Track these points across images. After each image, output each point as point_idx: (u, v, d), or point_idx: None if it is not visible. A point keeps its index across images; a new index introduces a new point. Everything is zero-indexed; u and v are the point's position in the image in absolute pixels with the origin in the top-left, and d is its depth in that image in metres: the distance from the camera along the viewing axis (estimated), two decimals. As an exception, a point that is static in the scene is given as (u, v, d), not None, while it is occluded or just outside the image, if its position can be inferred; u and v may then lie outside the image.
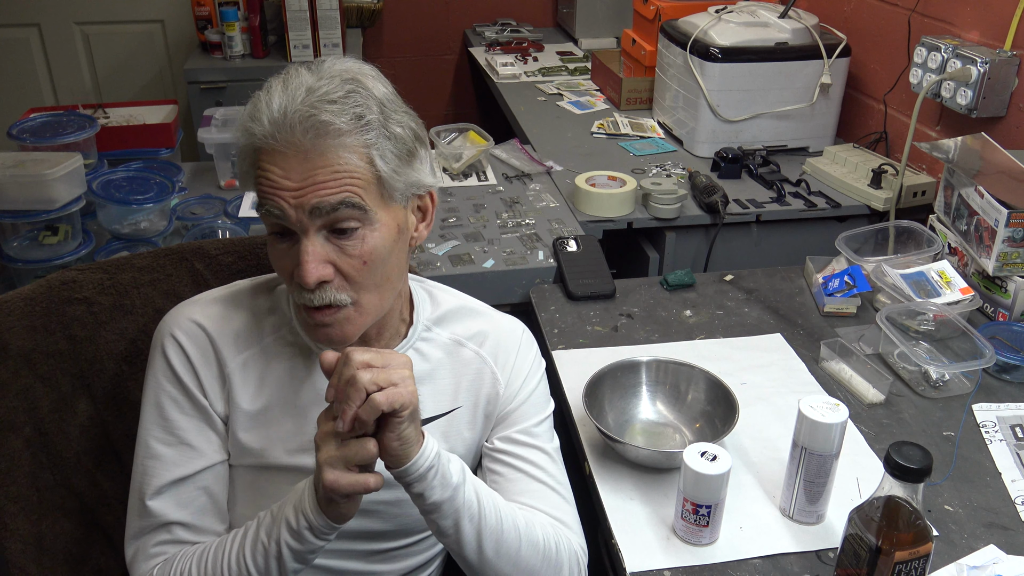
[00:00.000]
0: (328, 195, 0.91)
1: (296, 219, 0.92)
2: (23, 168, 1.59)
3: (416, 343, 1.09)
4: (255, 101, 0.95)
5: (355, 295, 0.96)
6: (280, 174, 0.91)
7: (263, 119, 0.92)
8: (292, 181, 0.91)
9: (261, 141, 0.92)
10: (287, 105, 0.91)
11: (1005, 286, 1.56)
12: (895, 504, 0.92)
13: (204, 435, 1.04)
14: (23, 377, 1.12)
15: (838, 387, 1.43)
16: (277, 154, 0.91)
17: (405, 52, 3.60)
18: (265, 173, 0.92)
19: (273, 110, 0.91)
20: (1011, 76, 1.74)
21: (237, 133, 0.96)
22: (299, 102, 0.91)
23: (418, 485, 0.92)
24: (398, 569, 1.14)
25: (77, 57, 3.38)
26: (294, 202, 0.91)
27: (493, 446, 1.10)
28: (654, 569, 1.08)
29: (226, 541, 0.99)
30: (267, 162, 0.92)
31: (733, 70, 2.14)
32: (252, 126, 0.93)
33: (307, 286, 0.93)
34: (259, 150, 0.93)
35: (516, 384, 1.11)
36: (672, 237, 1.92)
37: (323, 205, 0.91)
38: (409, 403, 0.86)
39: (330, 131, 0.91)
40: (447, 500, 0.93)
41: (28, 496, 1.12)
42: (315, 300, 0.94)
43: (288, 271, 0.96)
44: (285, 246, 0.95)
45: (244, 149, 0.95)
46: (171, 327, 1.04)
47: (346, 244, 0.94)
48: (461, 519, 0.95)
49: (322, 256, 0.93)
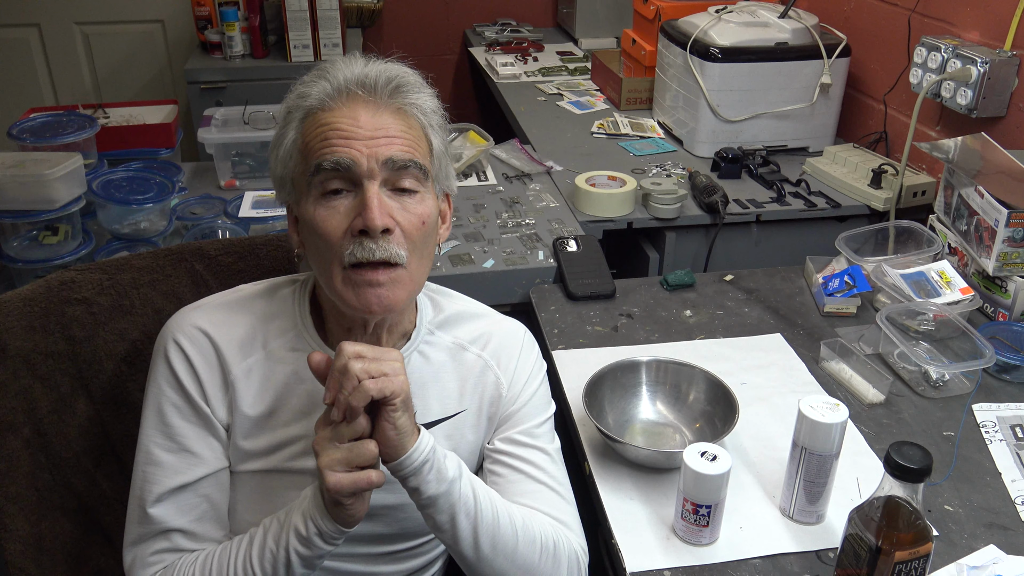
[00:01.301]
0: (400, 150, 0.95)
1: (367, 168, 0.93)
2: (23, 168, 1.59)
3: (420, 346, 1.09)
4: (320, 69, 0.99)
5: (409, 255, 0.97)
6: (350, 123, 0.94)
7: (338, 75, 0.96)
8: (365, 129, 0.94)
9: (329, 98, 0.96)
10: (366, 63, 0.98)
11: (1005, 286, 1.56)
12: (895, 504, 0.92)
13: (206, 442, 1.03)
14: (22, 377, 1.12)
15: (838, 387, 1.43)
16: (347, 105, 0.95)
17: (405, 52, 3.53)
18: (331, 126, 0.95)
19: (351, 67, 0.97)
20: (1011, 76, 1.74)
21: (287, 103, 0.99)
22: (378, 65, 0.98)
23: (414, 479, 0.92)
24: (401, 571, 1.14)
25: (77, 57, 3.38)
26: (367, 151, 0.93)
27: (494, 447, 1.11)
28: (654, 569, 1.08)
29: (230, 548, 0.99)
30: (332, 117, 0.95)
31: (733, 70, 2.14)
32: (315, 87, 0.97)
33: (374, 230, 0.93)
34: (320, 113, 0.96)
35: (518, 386, 1.11)
36: (672, 237, 1.92)
37: (397, 157, 0.94)
38: (400, 391, 0.88)
39: (408, 86, 0.98)
40: (443, 494, 0.94)
41: (27, 496, 1.12)
42: (378, 252, 0.94)
43: (341, 228, 0.95)
44: (339, 202, 0.95)
45: (295, 114, 0.98)
46: (174, 332, 1.04)
47: (408, 202, 0.97)
48: (457, 514, 0.95)
49: (387, 208, 0.95)
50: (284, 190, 1.02)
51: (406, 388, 0.89)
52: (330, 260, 0.96)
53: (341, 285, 0.97)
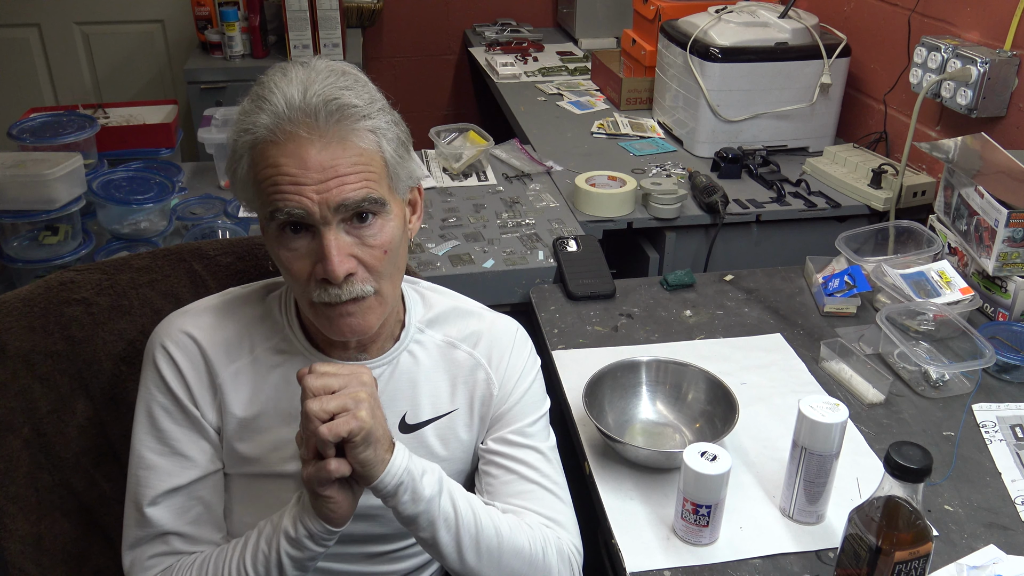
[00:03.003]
0: (351, 190, 0.90)
1: (320, 215, 0.90)
2: (23, 168, 1.59)
3: (409, 345, 1.08)
4: (257, 97, 0.92)
5: (377, 284, 0.96)
6: (298, 167, 0.89)
7: (277, 105, 0.89)
8: (313, 172, 0.89)
9: (272, 131, 0.90)
10: (305, 88, 0.89)
11: (1005, 286, 1.55)
12: (895, 504, 0.92)
13: (197, 445, 1.04)
14: (21, 378, 1.12)
15: (838, 387, 1.43)
16: (290, 145, 0.89)
17: (405, 52, 3.60)
18: (279, 169, 0.89)
19: (289, 95, 0.89)
20: (1011, 76, 1.74)
21: (234, 135, 0.94)
22: (317, 87, 0.90)
23: (389, 500, 0.93)
24: (398, 570, 1.14)
25: (77, 57, 3.38)
26: (317, 198, 0.89)
27: (487, 447, 1.10)
28: (654, 569, 1.08)
29: (226, 551, 0.99)
30: (279, 156, 0.89)
31: (733, 70, 2.14)
32: (257, 118, 0.90)
33: (336, 280, 0.92)
34: (266, 145, 0.90)
35: (510, 385, 1.11)
36: (672, 237, 1.92)
37: (348, 201, 0.90)
38: (358, 430, 0.86)
39: (352, 113, 0.90)
40: (421, 513, 0.94)
41: (27, 496, 1.12)
42: (343, 295, 0.94)
43: (305, 271, 0.94)
44: (301, 244, 0.93)
45: (242, 149, 0.93)
46: (161, 338, 1.04)
47: (366, 235, 0.94)
48: (437, 530, 0.95)
49: (346, 249, 0.93)
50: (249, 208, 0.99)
51: (367, 424, 0.86)
52: (300, 293, 0.98)
53: (313, 315, 0.99)
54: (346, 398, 0.86)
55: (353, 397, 0.87)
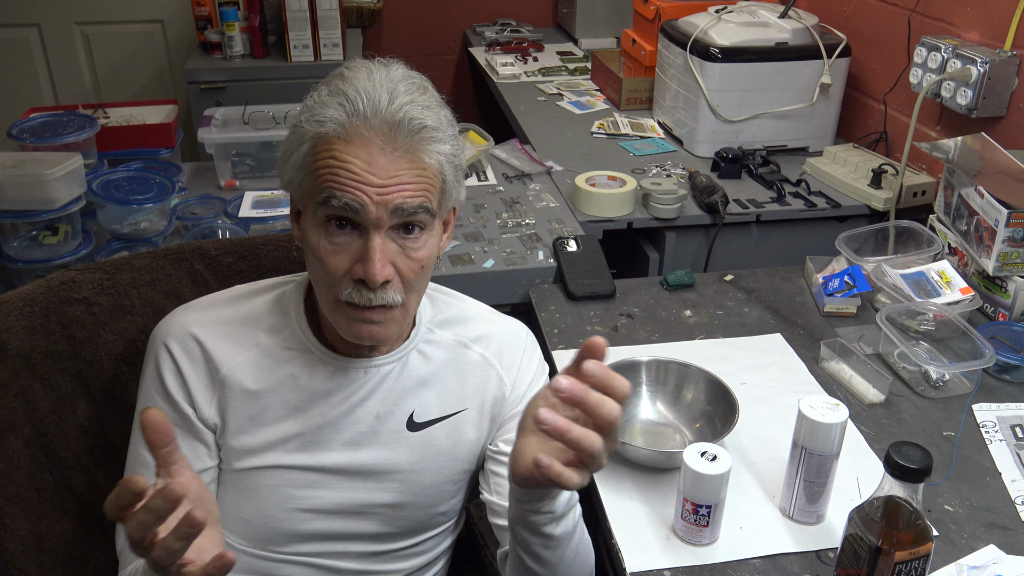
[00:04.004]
0: (411, 196, 0.91)
1: (375, 216, 0.90)
2: (23, 168, 1.59)
3: (420, 345, 1.09)
4: (338, 91, 0.92)
5: (406, 297, 0.97)
6: (363, 167, 0.89)
7: (360, 106, 0.90)
8: (378, 176, 0.89)
9: (345, 130, 0.90)
10: (391, 98, 0.90)
11: (1005, 286, 1.56)
12: (895, 504, 0.92)
13: (189, 445, 1.04)
14: (22, 378, 1.12)
15: (838, 387, 1.43)
16: (363, 146, 0.90)
17: (405, 52, 3.59)
18: (345, 164, 0.90)
19: (376, 100, 0.90)
20: (1011, 76, 1.74)
21: (302, 119, 0.93)
22: (403, 100, 0.90)
23: (561, 510, 0.92)
24: (403, 569, 1.14)
25: (77, 57, 3.38)
26: (377, 198, 0.90)
27: (497, 448, 1.10)
28: (654, 569, 1.08)
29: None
30: (347, 152, 0.90)
31: (733, 70, 2.14)
32: (334, 113, 0.90)
33: (374, 284, 0.92)
34: (334, 139, 0.90)
35: (522, 387, 1.11)
36: (672, 237, 1.92)
37: (406, 206, 0.91)
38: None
39: (428, 135, 0.91)
40: (568, 533, 0.95)
41: (28, 497, 1.12)
42: (375, 300, 0.94)
43: (342, 267, 0.94)
44: (345, 240, 0.93)
45: (305, 136, 0.92)
46: (164, 336, 1.04)
47: (410, 246, 0.94)
48: (566, 548, 0.96)
49: (389, 256, 0.93)
50: (291, 189, 0.99)
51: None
52: (327, 287, 0.97)
53: (334, 312, 0.98)
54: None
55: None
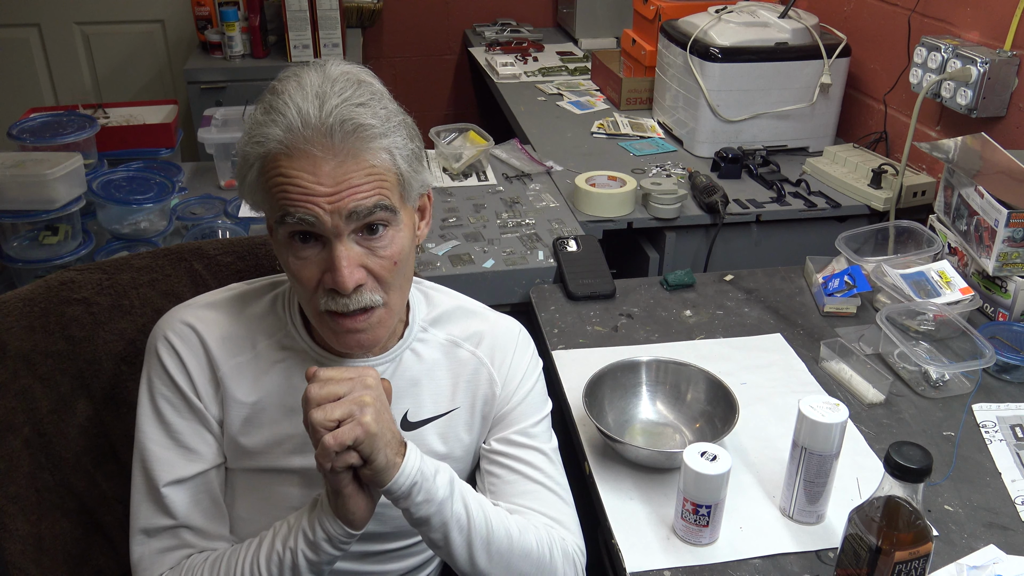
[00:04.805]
0: (363, 198, 0.90)
1: (331, 225, 0.90)
2: (23, 168, 1.59)
3: (412, 344, 1.09)
4: (270, 108, 0.91)
5: (385, 295, 0.96)
6: (311, 179, 0.88)
7: (291, 120, 0.88)
8: (325, 186, 0.89)
9: (284, 146, 0.89)
10: (320, 104, 0.89)
11: (1005, 286, 1.55)
12: (895, 504, 0.92)
13: (201, 437, 1.04)
14: (22, 378, 1.12)
15: (838, 387, 1.43)
16: (305, 158, 0.89)
17: (405, 52, 3.60)
18: (292, 180, 0.89)
19: (304, 111, 0.88)
20: (1011, 76, 1.74)
21: (244, 143, 0.93)
22: (333, 103, 0.89)
23: (402, 502, 0.92)
24: (396, 569, 1.14)
25: (77, 57, 3.38)
26: (329, 207, 0.89)
27: (490, 447, 1.10)
28: (654, 569, 1.08)
29: (239, 550, 0.98)
30: (291, 168, 0.89)
31: (733, 70, 2.14)
32: (269, 131, 0.90)
33: (345, 291, 0.92)
34: (278, 156, 0.90)
35: (513, 385, 1.11)
36: (672, 237, 1.92)
37: (360, 209, 0.90)
38: (362, 437, 0.85)
39: (366, 134, 0.90)
40: (434, 514, 0.93)
41: (27, 497, 1.12)
42: (351, 305, 0.93)
43: (314, 279, 0.94)
44: (311, 252, 0.93)
45: (252, 158, 0.92)
46: (164, 330, 1.04)
47: (377, 246, 0.94)
48: (450, 531, 0.95)
49: (356, 260, 0.93)
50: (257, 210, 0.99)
51: (372, 429, 0.85)
52: (306, 300, 0.97)
53: (320, 325, 0.99)
54: (351, 404, 0.86)
55: (358, 402, 0.86)
